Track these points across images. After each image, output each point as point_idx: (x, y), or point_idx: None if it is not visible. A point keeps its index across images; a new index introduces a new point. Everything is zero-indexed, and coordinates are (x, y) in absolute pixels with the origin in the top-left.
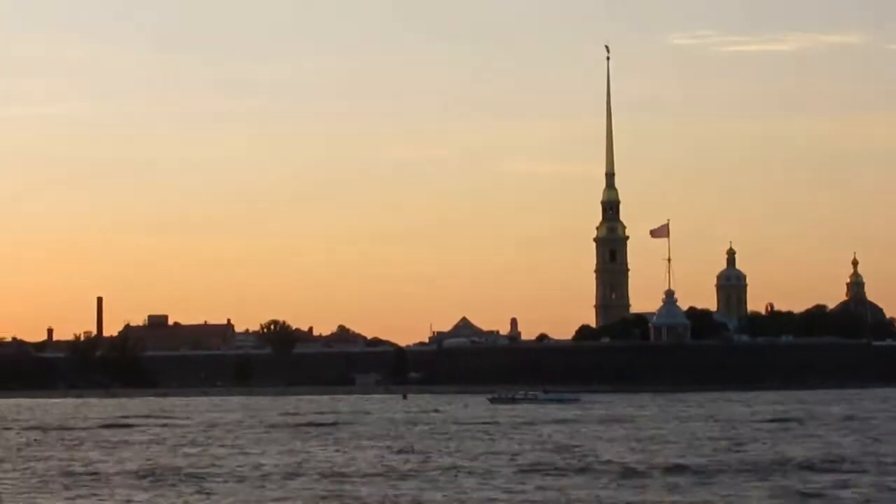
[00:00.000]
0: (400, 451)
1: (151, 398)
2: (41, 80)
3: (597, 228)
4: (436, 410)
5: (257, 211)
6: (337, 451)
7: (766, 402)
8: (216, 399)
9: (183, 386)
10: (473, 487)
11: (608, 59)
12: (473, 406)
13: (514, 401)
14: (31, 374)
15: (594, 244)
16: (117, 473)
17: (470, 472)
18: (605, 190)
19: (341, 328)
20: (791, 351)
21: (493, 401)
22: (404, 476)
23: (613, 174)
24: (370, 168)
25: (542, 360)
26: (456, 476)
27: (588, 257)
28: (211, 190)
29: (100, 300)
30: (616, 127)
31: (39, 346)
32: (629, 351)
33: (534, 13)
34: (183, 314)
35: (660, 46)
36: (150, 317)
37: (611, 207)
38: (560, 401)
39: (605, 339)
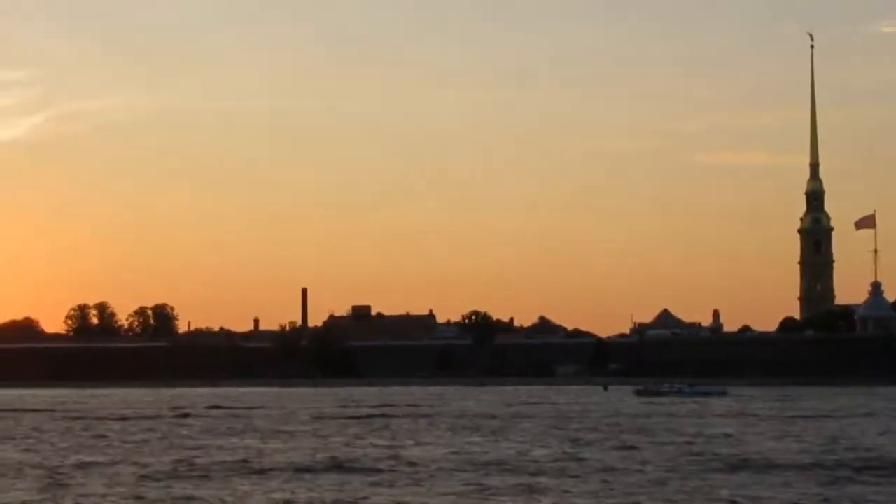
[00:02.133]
0: None
1: (366, 388)
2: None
3: (801, 219)
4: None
5: (460, 203)
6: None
7: None
8: (433, 389)
9: (384, 376)
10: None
11: (812, 47)
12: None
13: (659, 394)
14: (237, 364)
15: (798, 235)
16: None
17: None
18: (809, 180)
19: (542, 319)
20: None
21: (638, 393)
22: None
23: (818, 164)
24: (566, 160)
25: (744, 352)
26: None
27: (792, 248)
28: (411, 182)
29: (304, 291)
30: (820, 116)
31: (246, 336)
32: (834, 343)
33: (737, 2)
34: (386, 305)
35: (865, 35)
36: (353, 307)
37: (815, 198)
38: (706, 394)
39: (809, 332)
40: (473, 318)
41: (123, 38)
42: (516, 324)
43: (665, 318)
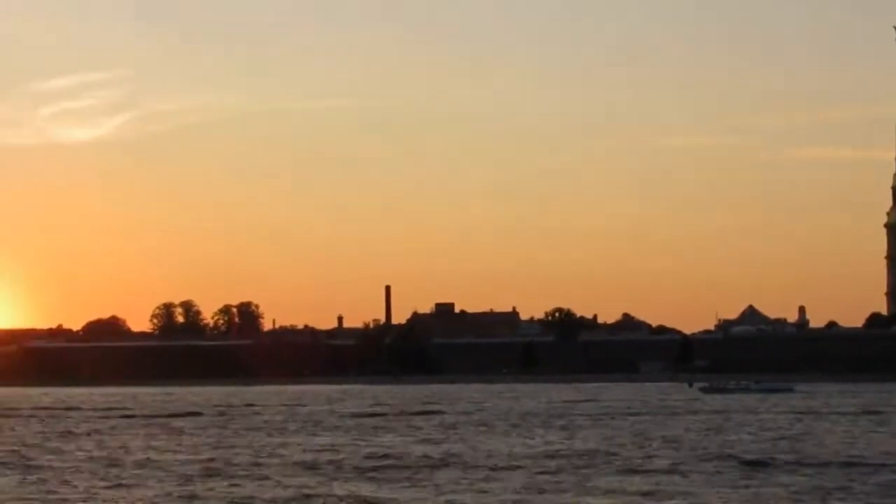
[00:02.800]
0: None
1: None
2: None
3: (887, 214)
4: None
5: (544, 199)
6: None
7: None
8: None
9: (467, 373)
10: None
11: None
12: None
13: (725, 390)
14: (322, 362)
15: (885, 230)
16: None
17: None
18: (895, 174)
19: (626, 316)
20: None
21: (704, 390)
22: None
23: None
24: (651, 156)
25: (830, 349)
26: None
27: (879, 243)
28: (494, 178)
29: (388, 288)
30: None
31: (330, 333)
32: None
33: None
34: (469, 302)
35: None
36: (437, 305)
37: None
38: (772, 391)
39: None
40: (557, 314)
41: (208, 38)
42: (600, 320)
43: (750, 314)
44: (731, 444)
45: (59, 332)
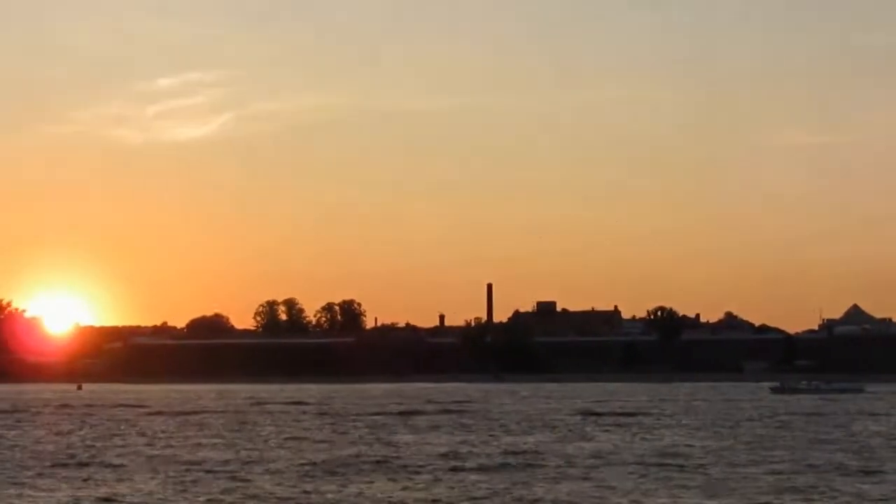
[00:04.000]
0: None
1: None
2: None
3: None
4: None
5: (644, 198)
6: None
7: None
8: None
9: (569, 372)
10: None
11: None
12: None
13: (796, 390)
14: (423, 360)
15: None
16: None
17: None
18: None
19: (728, 315)
20: None
21: (775, 391)
22: None
23: None
24: (757, 156)
25: None
26: None
27: None
28: (596, 178)
29: (490, 287)
30: None
31: (432, 331)
32: None
33: None
34: (571, 300)
35: None
36: (538, 303)
37: None
38: (843, 391)
39: None
40: (659, 313)
41: (314, 38)
42: (702, 319)
43: (855, 313)
44: None
45: (163, 330)
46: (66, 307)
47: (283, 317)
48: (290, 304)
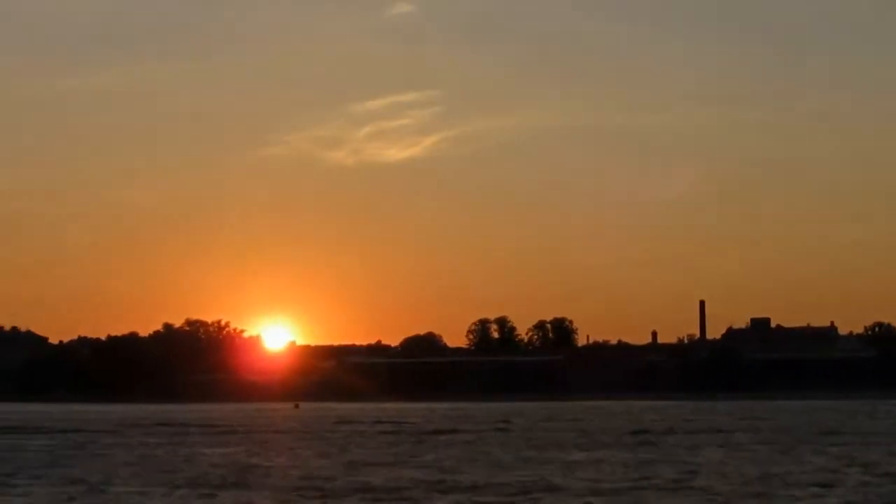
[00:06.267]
0: None
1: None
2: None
3: None
4: None
5: (861, 210)
6: None
7: None
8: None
9: (784, 390)
10: None
11: None
12: None
13: None
14: (636, 377)
15: None
16: None
17: None
18: None
19: None
20: None
21: None
22: None
23: None
24: None
25: None
26: None
27: None
28: (808, 190)
29: (702, 303)
30: None
31: (643, 348)
32: None
33: None
34: (785, 316)
35: None
36: (752, 320)
37: None
38: None
39: None
40: (877, 329)
41: (519, 57)
42: None
43: None
44: None
45: (377, 349)
46: (282, 327)
47: (495, 335)
48: (503, 323)
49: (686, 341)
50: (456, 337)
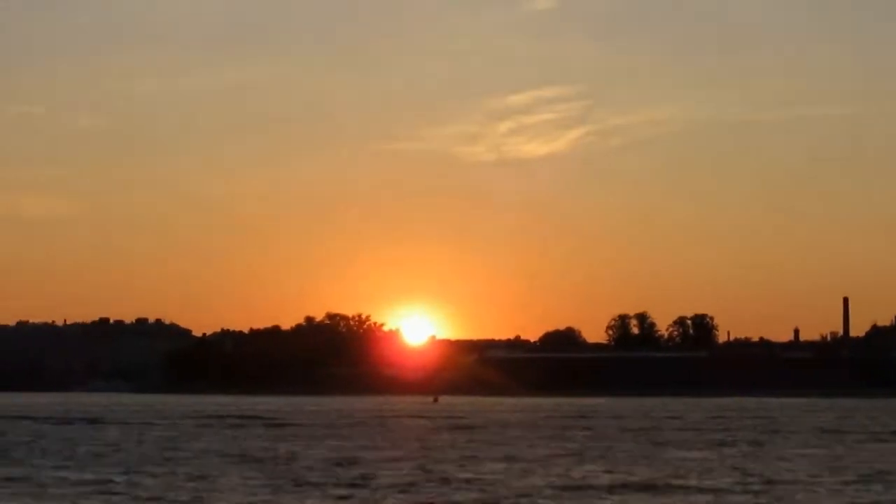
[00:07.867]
0: None
1: None
2: None
3: None
4: None
5: None
6: None
7: None
8: None
9: None
10: None
11: None
12: None
13: None
14: (777, 375)
15: None
16: None
17: None
18: None
19: None
20: None
21: None
22: None
23: None
24: None
25: None
26: None
27: None
28: None
29: (846, 300)
30: None
31: (785, 346)
32: None
33: None
34: None
35: None
36: None
37: None
38: None
39: None
40: None
41: (663, 50)
42: None
43: None
44: None
45: (516, 343)
46: (422, 321)
47: (635, 331)
48: (642, 318)
49: (829, 339)
50: (595, 332)
